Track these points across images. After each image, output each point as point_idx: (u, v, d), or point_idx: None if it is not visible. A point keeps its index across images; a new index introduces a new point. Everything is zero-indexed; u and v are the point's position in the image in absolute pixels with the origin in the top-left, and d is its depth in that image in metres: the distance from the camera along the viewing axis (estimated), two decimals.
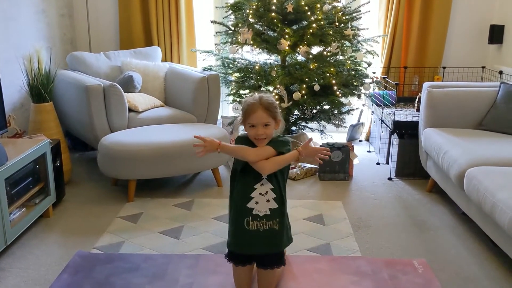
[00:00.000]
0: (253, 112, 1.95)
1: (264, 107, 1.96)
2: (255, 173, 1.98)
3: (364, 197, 3.32)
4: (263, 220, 1.99)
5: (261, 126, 1.96)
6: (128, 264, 2.40)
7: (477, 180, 2.47)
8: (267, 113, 1.96)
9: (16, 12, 3.56)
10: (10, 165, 2.49)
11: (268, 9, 3.76)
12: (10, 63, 3.45)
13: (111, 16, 4.57)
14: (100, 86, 3.45)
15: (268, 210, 1.98)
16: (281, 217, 2.02)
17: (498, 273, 2.36)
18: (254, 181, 1.99)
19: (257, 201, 1.98)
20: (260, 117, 1.95)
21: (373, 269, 2.36)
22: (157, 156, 3.13)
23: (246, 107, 1.99)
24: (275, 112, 1.99)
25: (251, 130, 1.98)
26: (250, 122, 1.97)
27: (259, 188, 1.98)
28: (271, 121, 1.98)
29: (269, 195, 1.98)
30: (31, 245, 2.62)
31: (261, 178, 1.98)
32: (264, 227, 1.99)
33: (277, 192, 2.00)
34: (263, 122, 1.96)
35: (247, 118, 1.97)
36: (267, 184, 1.99)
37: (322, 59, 3.80)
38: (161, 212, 3.03)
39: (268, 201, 1.98)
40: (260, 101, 1.97)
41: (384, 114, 3.91)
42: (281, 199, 2.01)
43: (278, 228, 2.01)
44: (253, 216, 1.99)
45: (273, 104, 2.00)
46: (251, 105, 1.97)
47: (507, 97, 3.25)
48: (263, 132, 1.96)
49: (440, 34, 4.43)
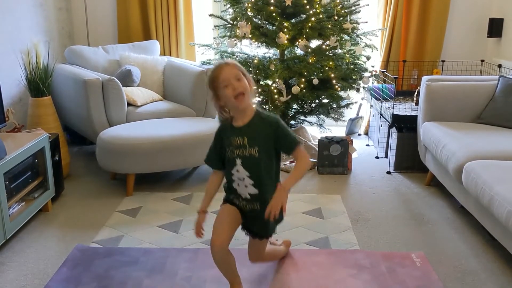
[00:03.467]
0: (222, 70, 1.86)
1: (229, 65, 1.88)
2: (232, 161, 1.95)
3: (362, 191, 3.33)
4: (244, 202, 2.00)
5: (234, 80, 1.84)
6: (127, 257, 2.41)
7: (475, 174, 2.47)
8: (235, 68, 1.87)
9: (13, 6, 3.54)
10: (9, 159, 2.49)
11: (266, 3, 3.75)
12: (8, 57, 3.44)
13: (109, 10, 4.55)
14: (98, 80, 3.44)
15: (248, 195, 1.97)
16: (262, 201, 1.95)
17: (496, 266, 2.37)
18: (231, 167, 1.97)
19: (238, 184, 1.98)
20: (229, 72, 1.85)
21: (371, 262, 2.37)
22: (155, 150, 3.13)
23: (212, 73, 1.90)
24: (243, 68, 1.90)
25: (227, 90, 1.85)
26: (222, 81, 1.85)
27: (236, 174, 1.96)
28: (241, 75, 1.86)
29: (246, 181, 1.95)
30: (30, 239, 2.62)
31: (236, 164, 1.94)
32: (247, 207, 2.01)
33: (255, 179, 1.93)
34: (234, 75, 1.85)
35: (217, 80, 1.86)
36: (243, 171, 1.93)
37: (321, 52, 3.79)
38: (160, 206, 3.04)
39: (246, 186, 1.96)
40: (225, 61, 1.90)
41: (383, 108, 3.91)
42: (260, 185, 1.94)
43: (259, 209, 1.97)
44: (237, 195, 2.01)
45: (237, 64, 1.91)
46: (217, 68, 1.88)
47: (506, 91, 3.25)
48: (239, 85, 1.84)
49: (439, 28, 4.42)
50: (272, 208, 1.84)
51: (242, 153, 1.93)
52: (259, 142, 1.91)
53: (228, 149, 1.96)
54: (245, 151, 1.92)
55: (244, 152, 1.92)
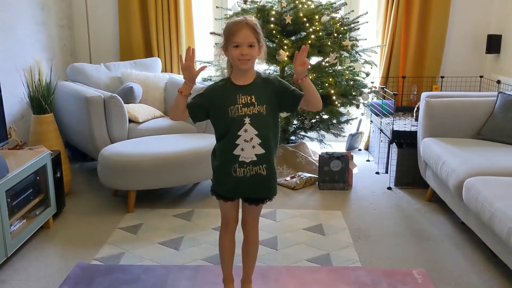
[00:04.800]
0: (239, 31, 1.87)
1: (250, 26, 1.89)
2: (238, 120, 1.93)
3: (363, 207, 3.33)
4: (249, 166, 1.96)
5: (246, 45, 1.88)
6: (128, 275, 2.41)
7: (475, 190, 2.48)
8: (253, 33, 1.89)
9: (16, 24, 3.59)
10: (10, 177, 2.50)
11: (267, 21, 3.79)
12: (11, 75, 3.47)
13: (111, 27, 4.60)
14: (100, 97, 3.47)
15: (254, 156, 1.95)
16: (268, 162, 1.97)
17: (497, 283, 2.36)
18: (238, 128, 1.94)
19: (242, 147, 1.95)
20: (246, 36, 1.87)
21: (373, 280, 2.36)
22: (157, 166, 3.14)
23: (231, 26, 1.90)
24: (260, 34, 1.93)
25: (236, 51, 1.88)
26: (235, 41, 1.87)
27: (244, 135, 1.94)
28: (255, 42, 1.90)
29: (254, 141, 1.94)
30: (31, 257, 2.62)
31: (244, 124, 1.93)
32: (250, 172, 1.97)
33: (263, 137, 1.94)
34: (248, 42, 1.88)
35: (232, 36, 1.88)
36: (251, 130, 1.93)
37: (320, 69, 3.82)
38: (161, 223, 3.04)
39: (253, 147, 1.95)
40: (246, 20, 1.90)
41: (383, 124, 3.92)
42: (267, 144, 1.96)
43: (265, 174, 1.98)
44: (240, 163, 1.96)
45: (258, 25, 1.93)
46: (237, 24, 1.89)
47: (505, 107, 3.27)
48: (248, 53, 1.88)
49: (438, 44, 4.46)
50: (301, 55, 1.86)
51: (251, 111, 1.93)
52: (266, 100, 1.95)
53: (230, 108, 1.93)
54: (254, 108, 1.93)
55: (253, 110, 1.93)
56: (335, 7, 3.96)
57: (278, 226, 2.99)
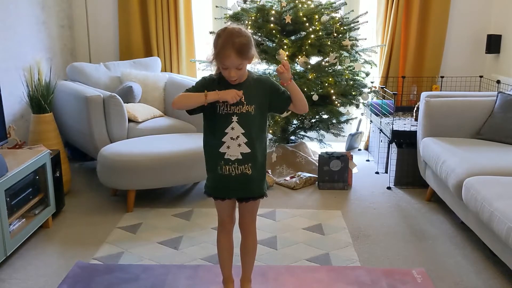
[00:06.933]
0: (227, 57, 1.87)
1: (236, 52, 1.88)
2: (226, 118, 1.95)
3: (363, 207, 3.33)
4: (234, 165, 1.97)
5: (234, 69, 1.91)
6: (127, 274, 2.40)
7: (475, 190, 2.48)
8: (241, 56, 1.89)
9: (16, 24, 3.59)
10: (10, 176, 2.50)
11: (267, 20, 3.79)
12: (11, 74, 3.47)
13: (111, 27, 4.60)
14: (99, 97, 3.47)
15: (239, 155, 1.96)
16: (253, 162, 1.99)
17: (497, 282, 2.36)
18: (224, 126, 1.96)
19: (228, 145, 1.96)
20: (233, 61, 1.88)
21: (372, 279, 2.36)
22: (156, 166, 3.14)
23: (219, 49, 1.89)
24: (248, 52, 1.93)
25: (224, 71, 1.93)
26: (223, 64, 1.91)
27: (230, 133, 1.96)
28: (243, 63, 1.92)
29: (240, 139, 1.95)
30: (30, 256, 2.62)
31: (231, 122, 1.95)
32: (236, 171, 1.98)
33: (249, 137, 1.96)
34: (236, 65, 1.90)
35: (220, 59, 1.91)
36: (238, 128, 1.95)
37: (320, 69, 3.82)
38: (160, 222, 3.04)
39: (239, 145, 1.96)
40: (233, 45, 1.88)
41: (382, 124, 3.92)
42: (253, 144, 1.97)
43: (250, 173, 1.98)
44: (225, 160, 1.97)
45: (247, 45, 1.90)
46: (224, 49, 1.88)
47: (504, 107, 3.27)
48: (235, 74, 1.91)
49: (437, 44, 4.46)
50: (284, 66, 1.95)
51: (239, 110, 1.95)
52: (255, 100, 1.98)
53: (219, 104, 1.95)
54: (242, 108, 1.96)
55: (242, 109, 1.96)
56: (335, 6, 3.95)
57: (277, 226, 2.99)
